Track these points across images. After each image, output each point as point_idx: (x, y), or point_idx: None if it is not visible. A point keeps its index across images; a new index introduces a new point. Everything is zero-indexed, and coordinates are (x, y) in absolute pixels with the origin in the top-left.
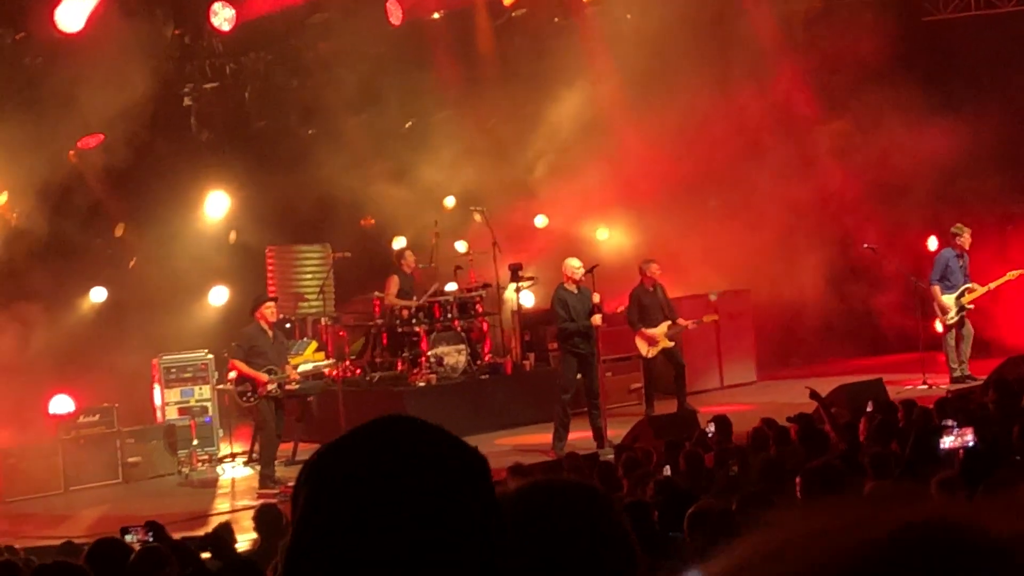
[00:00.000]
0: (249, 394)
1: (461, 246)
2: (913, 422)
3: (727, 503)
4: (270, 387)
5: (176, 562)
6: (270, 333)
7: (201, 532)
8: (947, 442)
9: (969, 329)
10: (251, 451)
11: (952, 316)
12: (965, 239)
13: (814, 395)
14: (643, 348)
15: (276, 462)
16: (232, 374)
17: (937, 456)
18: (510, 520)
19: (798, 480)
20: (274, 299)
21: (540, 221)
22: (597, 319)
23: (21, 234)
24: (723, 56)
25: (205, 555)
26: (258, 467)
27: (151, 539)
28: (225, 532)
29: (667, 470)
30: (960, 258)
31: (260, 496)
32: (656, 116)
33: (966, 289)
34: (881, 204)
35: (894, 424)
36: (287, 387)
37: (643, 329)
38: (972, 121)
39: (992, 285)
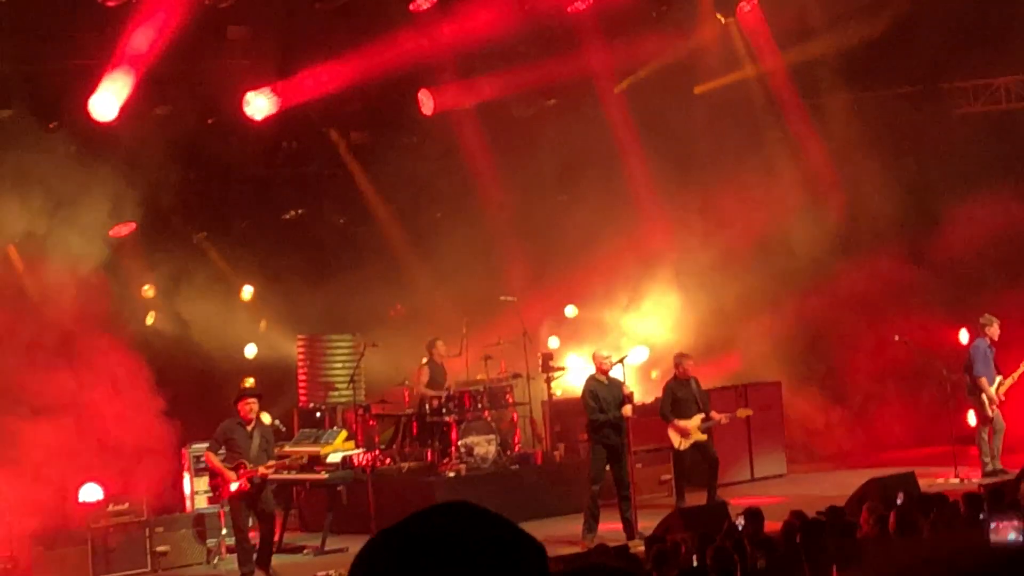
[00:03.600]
0: (218, 490)
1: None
2: (949, 515)
3: None
4: (232, 486)
5: None
6: (248, 428)
7: None
8: (995, 538)
9: (1001, 422)
10: (279, 540)
11: (995, 408)
12: (995, 329)
13: None
14: (675, 440)
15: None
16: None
17: (985, 551)
18: None
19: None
20: (256, 395)
21: (570, 311)
22: (627, 410)
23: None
24: (757, 146)
25: None
26: (291, 554)
27: None
28: None
29: (695, 560)
30: (991, 349)
31: None
32: (687, 203)
33: (999, 383)
34: (911, 296)
35: (925, 517)
36: (259, 480)
37: (675, 421)
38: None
39: (1015, 375)
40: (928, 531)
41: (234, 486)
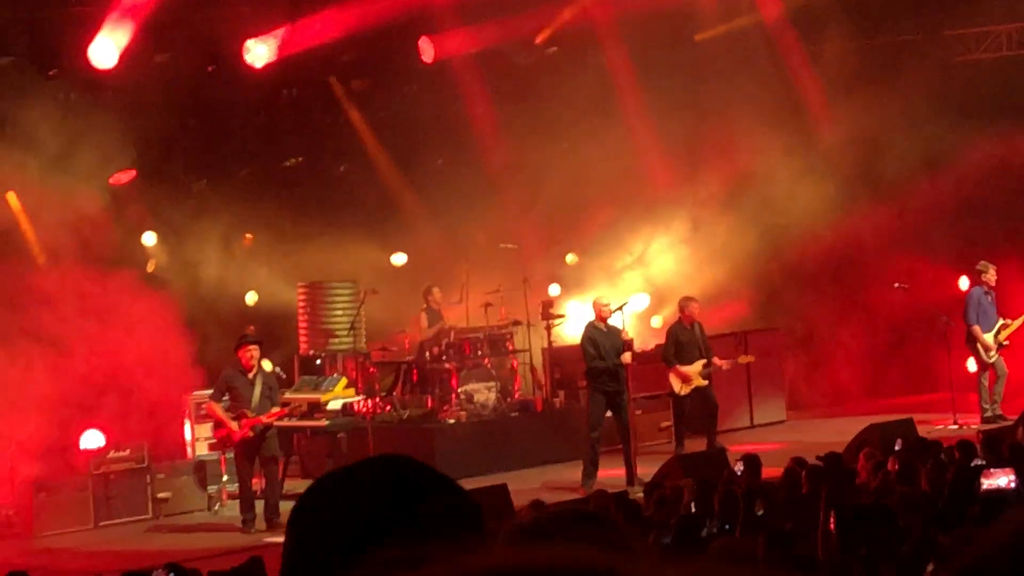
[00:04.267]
0: (222, 439)
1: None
2: (945, 462)
3: (752, 541)
4: (236, 433)
5: None
6: (249, 376)
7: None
8: (987, 483)
9: (1003, 367)
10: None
11: (993, 354)
12: (991, 275)
13: None
14: (676, 385)
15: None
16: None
17: (977, 497)
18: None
19: (832, 515)
20: (257, 342)
21: (570, 258)
22: (627, 357)
23: (48, 268)
24: (755, 92)
25: None
26: (291, 500)
27: None
28: (256, 567)
29: (693, 507)
30: (988, 295)
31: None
32: (686, 150)
33: (1001, 326)
34: (911, 242)
35: (923, 464)
36: (262, 428)
37: (677, 366)
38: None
39: (1021, 320)
40: (924, 477)
41: (237, 436)
